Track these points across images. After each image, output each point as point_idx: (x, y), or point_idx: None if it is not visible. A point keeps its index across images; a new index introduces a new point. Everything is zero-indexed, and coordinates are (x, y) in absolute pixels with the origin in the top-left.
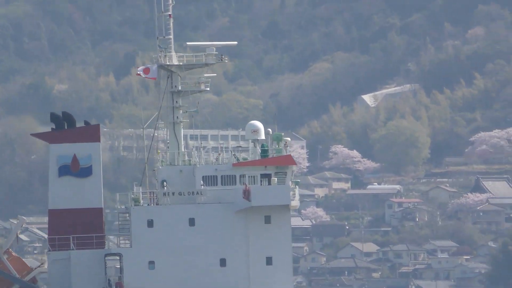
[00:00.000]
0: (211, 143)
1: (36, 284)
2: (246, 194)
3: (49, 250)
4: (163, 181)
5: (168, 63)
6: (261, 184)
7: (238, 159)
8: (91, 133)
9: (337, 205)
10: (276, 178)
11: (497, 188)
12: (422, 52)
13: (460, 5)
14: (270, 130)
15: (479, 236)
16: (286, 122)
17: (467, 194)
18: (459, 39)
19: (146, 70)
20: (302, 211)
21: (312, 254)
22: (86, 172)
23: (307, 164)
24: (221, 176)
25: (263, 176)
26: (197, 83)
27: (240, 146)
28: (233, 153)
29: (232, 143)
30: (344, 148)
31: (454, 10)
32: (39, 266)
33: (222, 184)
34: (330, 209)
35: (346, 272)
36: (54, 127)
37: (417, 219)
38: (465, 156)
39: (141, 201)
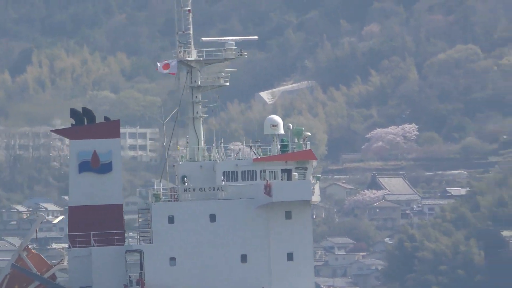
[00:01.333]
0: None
1: (56, 281)
2: (267, 190)
3: (70, 247)
4: (183, 176)
5: (187, 58)
6: (281, 179)
7: (258, 154)
8: (111, 129)
9: None
10: (296, 173)
11: (393, 184)
12: (319, 49)
13: (355, 2)
14: (290, 124)
15: (375, 233)
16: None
17: (364, 191)
18: (355, 36)
19: (166, 66)
20: None
21: None
22: (106, 168)
23: None
24: (242, 172)
25: (284, 171)
26: (216, 78)
27: (259, 141)
28: (252, 148)
29: (130, 141)
30: (242, 146)
31: (350, 7)
32: (58, 263)
33: (242, 180)
34: None
35: None
36: (74, 123)
37: (314, 216)
38: (361, 153)
39: (162, 197)
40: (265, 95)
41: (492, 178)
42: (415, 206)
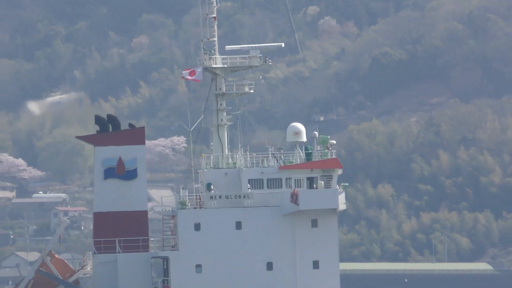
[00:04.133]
0: None
1: (79, 286)
2: (294, 198)
3: (95, 253)
4: (209, 184)
5: (213, 66)
6: (306, 188)
7: (283, 162)
8: (136, 136)
9: (2, 214)
10: (322, 182)
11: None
12: (88, 60)
13: (124, 14)
14: (316, 133)
15: None
16: None
17: None
18: (124, 48)
19: (192, 73)
20: None
21: None
22: (131, 175)
23: None
24: (267, 179)
25: (309, 179)
26: (241, 85)
27: (281, 149)
28: (275, 156)
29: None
30: (10, 156)
31: (119, 18)
32: (81, 268)
33: (268, 187)
34: None
35: (10, 282)
36: (98, 129)
37: (83, 228)
38: None
39: (188, 205)
40: (33, 105)
41: None
42: None
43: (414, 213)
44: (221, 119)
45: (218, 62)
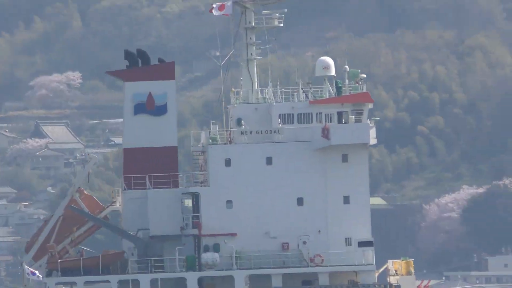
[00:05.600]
0: None
1: (109, 221)
2: (325, 133)
3: (125, 189)
4: (239, 119)
5: None
6: (338, 122)
7: (313, 97)
8: (166, 71)
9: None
10: (353, 116)
11: (56, 133)
12: None
13: None
14: (347, 67)
15: (38, 182)
16: None
17: (26, 140)
18: None
19: (221, 7)
20: None
21: None
22: (161, 110)
23: None
24: (298, 114)
25: (339, 114)
26: (271, 18)
27: (310, 83)
28: (304, 91)
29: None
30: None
31: None
32: (110, 205)
33: (298, 122)
34: None
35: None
36: (128, 64)
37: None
38: (25, 101)
39: (219, 140)
40: None
41: None
42: (78, 155)
43: None
44: (251, 54)
45: None
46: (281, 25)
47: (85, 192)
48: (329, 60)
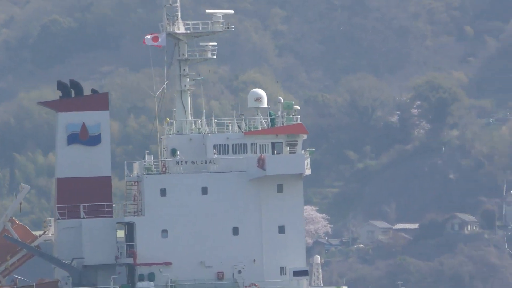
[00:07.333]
0: None
1: (42, 250)
2: (261, 163)
3: (59, 218)
4: (174, 149)
5: (176, 31)
6: (272, 153)
7: (248, 128)
8: (99, 101)
9: None
10: (288, 147)
11: None
12: None
13: None
14: (281, 98)
15: None
16: None
17: None
18: None
19: (155, 39)
20: None
21: None
22: (95, 140)
23: None
24: (233, 145)
25: (274, 145)
26: (204, 51)
27: (243, 115)
28: (237, 122)
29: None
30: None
31: None
32: (43, 234)
33: (233, 153)
34: None
35: None
36: (61, 95)
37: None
38: None
39: (154, 170)
40: None
41: None
42: None
43: None
44: (185, 85)
45: (181, 27)
46: (214, 57)
47: (17, 221)
48: (261, 92)
